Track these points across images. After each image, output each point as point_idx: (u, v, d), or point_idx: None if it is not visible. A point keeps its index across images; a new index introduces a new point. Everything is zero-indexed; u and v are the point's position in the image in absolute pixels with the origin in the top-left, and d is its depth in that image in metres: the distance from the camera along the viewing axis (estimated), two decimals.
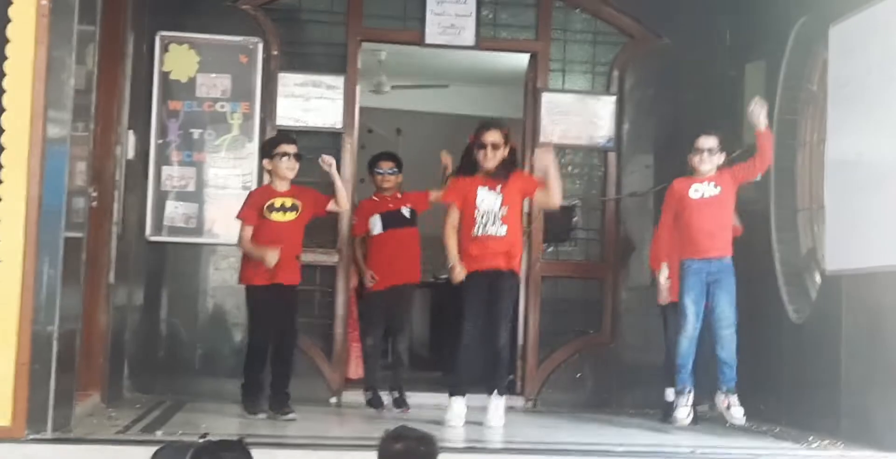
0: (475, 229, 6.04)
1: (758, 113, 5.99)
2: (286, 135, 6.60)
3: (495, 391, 6.07)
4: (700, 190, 6.12)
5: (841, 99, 6.06)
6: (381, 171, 6.92)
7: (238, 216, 6.26)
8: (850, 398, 5.82)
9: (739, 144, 7.25)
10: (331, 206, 6.36)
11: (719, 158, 6.16)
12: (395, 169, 6.94)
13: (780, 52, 6.85)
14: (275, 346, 6.18)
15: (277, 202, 6.17)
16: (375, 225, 6.86)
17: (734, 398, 5.93)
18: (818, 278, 6.45)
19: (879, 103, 5.68)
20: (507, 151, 6.14)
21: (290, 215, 6.18)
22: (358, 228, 6.98)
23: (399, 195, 6.96)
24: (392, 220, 6.83)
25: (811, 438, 5.77)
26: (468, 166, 6.19)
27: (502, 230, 6.04)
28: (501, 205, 6.04)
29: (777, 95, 6.87)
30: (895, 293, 5.45)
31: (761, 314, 6.79)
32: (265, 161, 6.29)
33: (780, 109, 6.87)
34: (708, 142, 6.12)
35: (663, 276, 6.23)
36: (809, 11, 6.58)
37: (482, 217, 6.04)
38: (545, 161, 6.13)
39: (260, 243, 6.11)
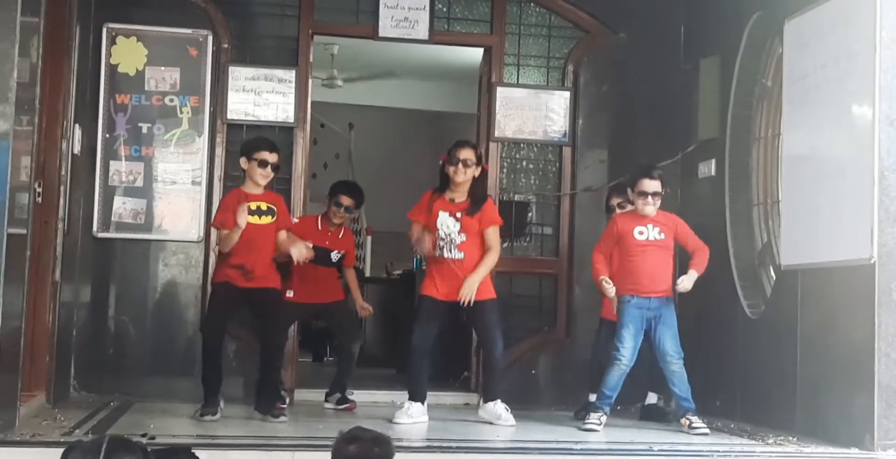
0: (436, 251, 6.10)
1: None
2: (270, 142, 6.20)
3: (496, 399, 6.11)
4: (645, 233, 6.12)
5: (796, 94, 6.06)
6: (340, 205, 6.78)
7: (213, 224, 6.15)
8: (805, 393, 5.82)
9: (693, 140, 7.27)
10: (282, 235, 6.10)
11: (660, 199, 6.14)
12: (353, 209, 6.90)
13: (734, 47, 6.86)
14: (262, 351, 6.12)
15: (253, 205, 5.96)
16: None
17: (695, 419, 5.98)
18: (773, 273, 6.46)
19: (834, 98, 5.68)
20: (478, 171, 6.17)
21: (266, 219, 6.00)
22: (294, 228, 6.69)
23: (341, 235, 6.86)
24: (319, 257, 6.58)
25: (766, 434, 5.78)
26: (442, 183, 6.21)
27: (459, 255, 6.08)
28: (459, 232, 6.09)
29: (732, 90, 6.88)
30: (850, 288, 5.45)
31: (716, 310, 6.79)
32: (242, 159, 6.09)
33: (735, 104, 6.88)
34: (652, 185, 6.09)
35: (611, 291, 6.14)
36: (764, 6, 6.58)
37: (440, 241, 6.09)
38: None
39: (234, 248, 5.90)
